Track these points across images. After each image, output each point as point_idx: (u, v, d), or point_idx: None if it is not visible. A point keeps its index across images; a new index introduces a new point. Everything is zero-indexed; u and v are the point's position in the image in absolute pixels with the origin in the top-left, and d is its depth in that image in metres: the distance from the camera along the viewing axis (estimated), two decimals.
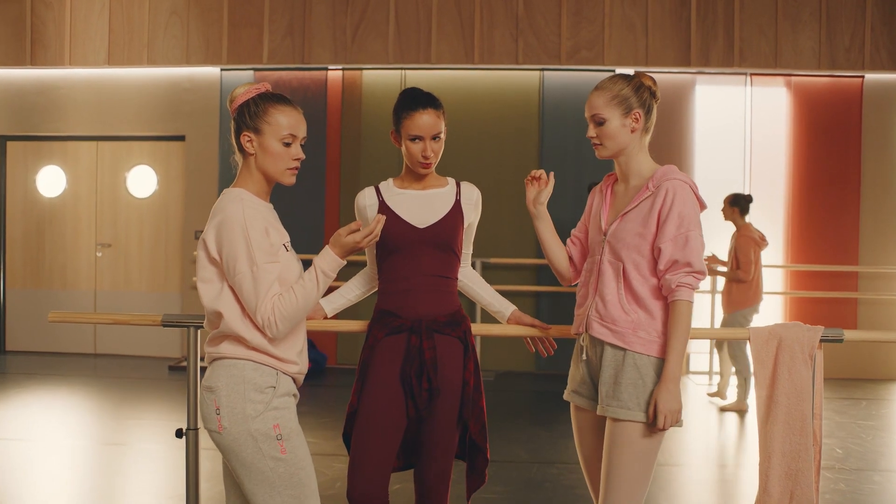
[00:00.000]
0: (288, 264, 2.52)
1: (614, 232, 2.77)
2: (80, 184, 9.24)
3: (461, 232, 3.04)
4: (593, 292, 2.79)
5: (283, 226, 2.63)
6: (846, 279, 8.53)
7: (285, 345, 2.53)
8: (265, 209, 2.54)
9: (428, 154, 2.93)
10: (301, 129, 2.57)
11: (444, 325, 2.94)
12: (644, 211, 2.72)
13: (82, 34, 8.80)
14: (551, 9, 8.42)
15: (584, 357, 2.83)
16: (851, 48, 8.36)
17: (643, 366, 2.69)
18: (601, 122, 2.76)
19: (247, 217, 2.44)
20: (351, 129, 8.75)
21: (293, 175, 2.58)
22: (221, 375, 2.48)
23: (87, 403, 6.99)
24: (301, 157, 2.58)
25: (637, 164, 2.81)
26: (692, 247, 2.65)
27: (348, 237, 2.49)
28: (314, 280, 2.47)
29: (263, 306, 2.42)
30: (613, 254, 2.76)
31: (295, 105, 2.60)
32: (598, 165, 8.46)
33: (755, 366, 3.13)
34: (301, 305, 2.46)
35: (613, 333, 2.71)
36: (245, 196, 2.51)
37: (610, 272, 2.75)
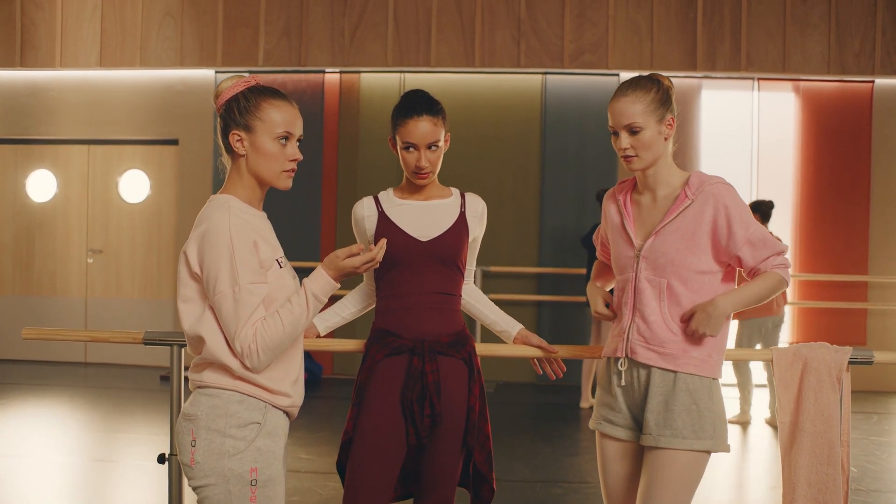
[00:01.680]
0: (280, 283, 2.26)
1: (652, 248, 2.56)
2: (70, 188, 9.05)
3: (466, 246, 2.84)
4: (630, 313, 2.58)
5: (277, 237, 2.40)
6: (855, 290, 8.34)
7: (277, 373, 2.27)
8: (257, 219, 2.28)
9: (422, 164, 2.73)
10: (297, 126, 2.32)
11: (447, 346, 2.74)
12: (686, 222, 2.53)
13: (74, 35, 8.61)
14: (554, 11, 8.24)
15: (621, 383, 2.61)
16: (861, 53, 8.17)
17: (696, 389, 2.51)
18: (637, 132, 2.53)
19: (233, 228, 2.18)
20: (348, 134, 8.57)
21: (289, 178, 2.33)
22: (202, 405, 2.23)
23: (76, 416, 6.78)
24: (298, 157, 2.32)
25: (666, 172, 2.62)
26: (766, 238, 2.54)
27: (346, 261, 2.25)
28: (303, 304, 2.22)
29: (244, 332, 2.16)
30: (652, 271, 2.56)
31: (289, 99, 2.34)
32: (601, 171, 8.28)
33: (778, 389, 2.93)
34: (287, 333, 2.20)
35: (663, 357, 2.52)
36: (233, 204, 2.25)
37: (650, 291, 2.56)
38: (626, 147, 2.55)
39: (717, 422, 2.52)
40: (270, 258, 2.26)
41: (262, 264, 2.23)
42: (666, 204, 2.60)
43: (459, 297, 2.85)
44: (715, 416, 2.52)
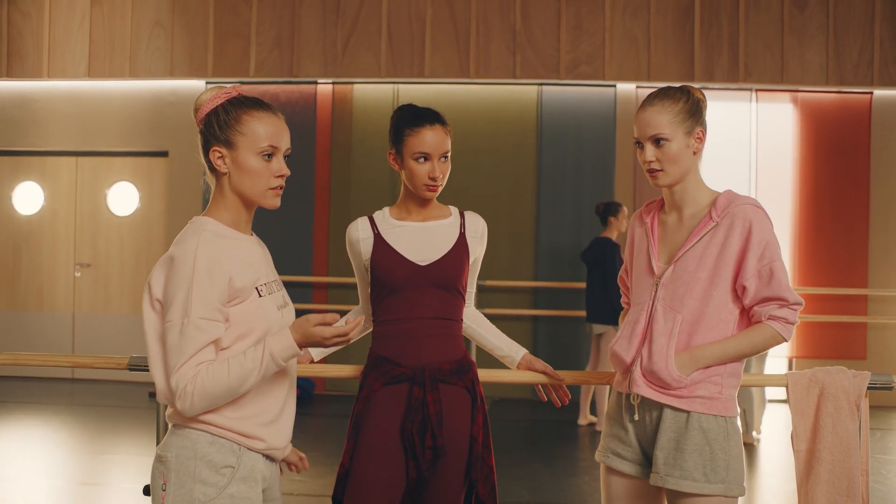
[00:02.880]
0: (258, 313, 2.07)
1: (671, 277, 2.41)
2: (58, 201, 8.89)
3: (467, 268, 2.71)
4: (639, 344, 2.43)
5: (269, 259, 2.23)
6: (855, 303, 8.23)
7: (246, 413, 2.05)
8: (239, 244, 2.10)
9: (436, 175, 2.60)
10: (284, 140, 2.14)
11: (449, 374, 2.60)
12: (710, 249, 2.37)
13: (62, 45, 8.47)
14: (550, 21, 8.13)
15: (634, 418, 2.46)
16: (860, 63, 8.09)
17: (710, 429, 2.35)
18: (662, 143, 2.39)
19: (199, 257, 1.99)
20: (341, 146, 8.43)
21: (277, 196, 2.15)
22: (172, 445, 2.05)
23: (62, 436, 6.61)
24: (285, 173, 2.13)
25: (694, 190, 2.46)
26: (778, 278, 2.33)
27: (316, 328, 2.00)
28: (257, 361, 1.99)
29: (183, 370, 1.95)
30: (669, 302, 2.40)
31: (274, 110, 2.16)
32: (598, 184, 8.17)
33: (794, 416, 2.80)
34: (231, 387, 1.98)
35: (668, 395, 2.37)
36: (210, 227, 2.07)
37: (662, 324, 2.39)
38: (651, 160, 2.40)
39: (731, 463, 2.36)
40: (249, 286, 2.07)
41: (238, 294, 2.04)
42: (691, 225, 2.44)
43: (461, 322, 2.72)
44: (730, 457, 2.35)
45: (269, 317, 2.10)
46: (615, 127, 8.23)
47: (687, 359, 2.35)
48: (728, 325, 2.39)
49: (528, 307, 8.20)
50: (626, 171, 8.22)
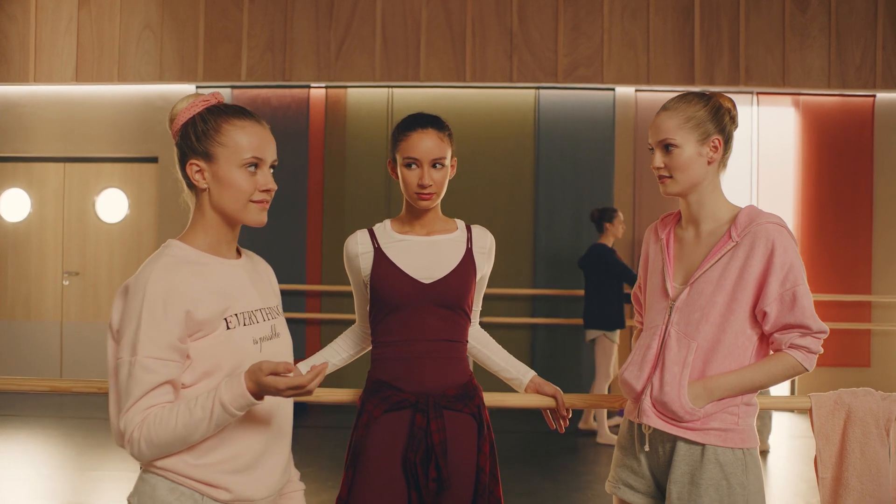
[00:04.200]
0: (226, 347, 1.86)
1: (687, 300, 2.24)
2: (45, 208, 8.70)
3: (473, 287, 2.55)
4: (650, 370, 2.27)
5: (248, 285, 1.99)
6: (858, 310, 8.10)
7: (214, 459, 1.85)
8: (204, 271, 1.89)
9: (425, 182, 2.43)
10: (269, 150, 1.96)
11: (454, 400, 2.44)
12: (727, 269, 2.21)
13: (48, 49, 8.28)
14: (547, 24, 7.98)
15: (645, 448, 2.30)
16: (862, 66, 7.96)
17: (728, 463, 2.18)
18: (670, 149, 2.24)
19: (150, 287, 1.80)
20: (335, 151, 8.27)
21: (262, 211, 1.96)
22: (137, 490, 1.88)
23: (49, 451, 6.41)
24: (272, 187, 1.96)
25: (712, 204, 2.29)
26: (802, 305, 2.17)
27: (268, 378, 1.76)
28: (207, 410, 1.78)
29: (131, 414, 1.78)
30: (684, 328, 2.23)
31: (258, 118, 1.97)
32: (597, 189, 8.02)
33: (818, 441, 2.64)
34: (178, 436, 1.78)
35: (680, 427, 2.21)
36: (174, 252, 1.89)
37: (676, 351, 2.23)
38: (658, 165, 2.27)
39: (750, 499, 2.20)
40: (215, 318, 1.86)
41: (201, 328, 1.85)
42: (709, 243, 2.28)
43: (466, 344, 2.55)
44: (749, 493, 2.19)
45: (240, 351, 1.88)
46: (614, 131, 8.09)
47: (700, 390, 2.20)
48: (745, 353, 2.24)
49: (526, 315, 8.04)
50: (626, 177, 8.08)
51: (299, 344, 7.86)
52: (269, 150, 1.96)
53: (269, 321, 1.99)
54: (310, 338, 8.09)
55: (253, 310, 1.95)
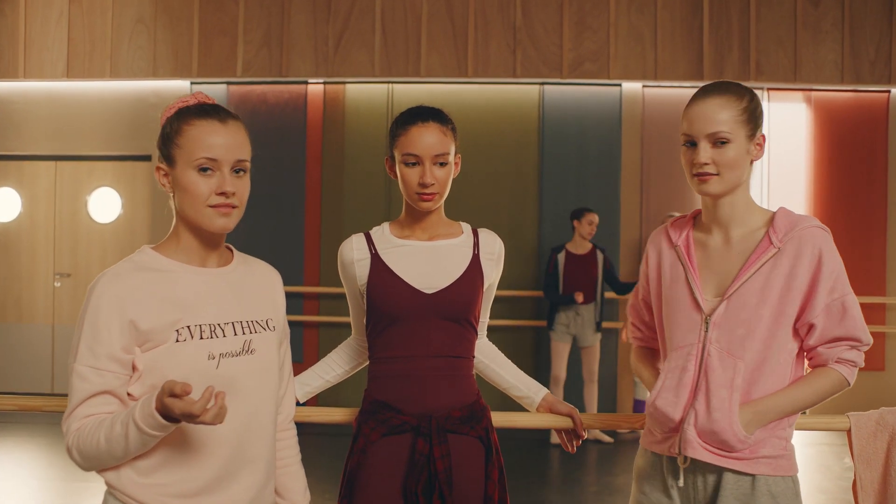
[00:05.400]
0: (171, 361, 1.74)
1: (726, 314, 2.00)
2: (36, 207, 8.48)
3: (480, 297, 2.32)
4: (690, 396, 2.01)
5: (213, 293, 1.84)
6: (873, 312, 7.86)
7: (158, 480, 1.74)
8: (163, 280, 1.79)
9: (426, 180, 2.20)
10: (228, 151, 1.80)
11: (459, 422, 2.21)
12: (770, 279, 1.98)
13: (38, 44, 8.07)
14: (552, 18, 7.76)
15: (679, 483, 2.05)
16: (877, 61, 7.73)
17: (780, 493, 1.97)
18: (723, 144, 1.99)
19: (95, 294, 1.75)
20: (333, 148, 8.05)
21: (223, 216, 1.82)
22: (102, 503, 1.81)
23: (37, 461, 6.19)
24: (228, 189, 1.80)
25: (744, 206, 2.06)
26: (852, 315, 1.98)
27: (167, 399, 1.62)
28: (123, 429, 1.67)
29: (69, 422, 1.74)
30: (726, 346, 1.99)
31: (223, 117, 1.82)
32: (603, 187, 7.81)
33: (858, 466, 2.41)
34: (102, 450, 1.70)
35: (730, 458, 1.97)
36: (138, 258, 1.83)
37: (721, 373, 1.98)
38: (705, 161, 1.99)
39: None
40: (164, 329, 1.75)
41: (149, 338, 1.75)
42: (744, 250, 2.04)
43: (472, 360, 2.33)
44: None
45: (188, 366, 1.75)
46: (620, 128, 7.87)
47: (751, 415, 1.97)
48: (787, 370, 2.03)
49: (531, 318, 7.81)
50: (633, 176, 7.87)
51: (296, 348, 7.64)
52: (227, 151, 1.81)
53: (243, 335, 1.85)
54: (307, 341, 7.87)
55: (220, 322, 1.82)
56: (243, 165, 1.84)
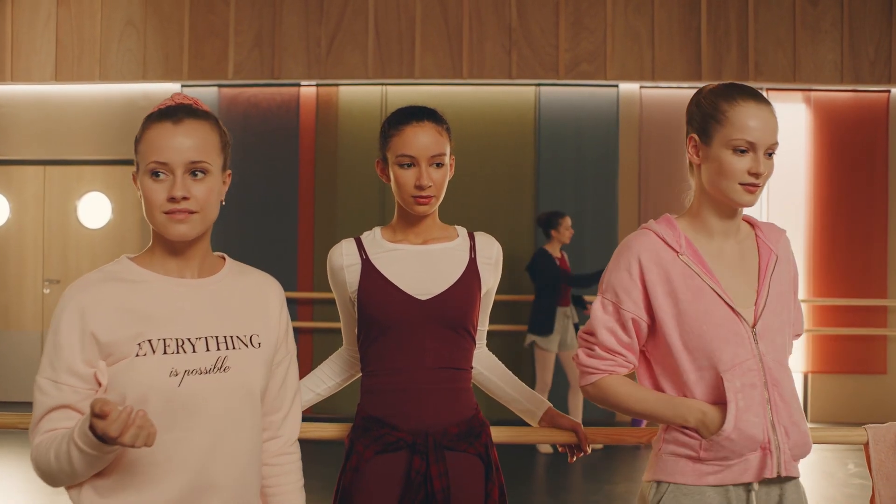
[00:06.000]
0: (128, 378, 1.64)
1: (766, 324, 1.95)
2: (24, 213, 8.35)
3: (478, 303, 2.20)
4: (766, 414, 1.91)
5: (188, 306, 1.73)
6: (874, 314, 7.77)
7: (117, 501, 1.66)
8: (130, 291, 1.70)
9: (423, 182, 2.09)
10: (177, 152, 1.68)
11: (457, 439, 2.09)
12: (781, 285, 2.02)
13: (26, 46, 7.94)
14: (548, 18, 7.65)
15: None
16: (877, 61, 7.65)
17: (803, 492, 2.01)
18: (770, 155, 1.97)
19: (60, 303, 1.69)
20: (326, 151, 7.94)
21: (178, 222, 1.69)
22: None
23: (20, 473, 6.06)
24: (177, 194, 1.67)
25: None
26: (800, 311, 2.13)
27: (93, 418, 1.52)
28: (66, 448, 1.58)
29: (33, 435, 1.68)
30: (776, 356, 1.95)
31: (179, 117, 1.72)
32: (600, 190, 7.71)
33: (877, 481, 2.30)
34: (54, 467, 1.61)
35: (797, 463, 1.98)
36: (112, 267, 1.74)
37: (786, 383, 1.95)
38: (760, 172, 1.92)
39: None
40: (125, 342, 1.66)
41: (111, 352, 1.66)
42: (750, 257, 2.02)
43: (470, 371, 2.21)
44: None
45: (146, 383, 1.65)
46: (618, 130, 7.77)
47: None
48: None
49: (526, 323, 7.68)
50: (630, 179, 7.77)
51: None
52: (178, 152, 1.69)
53: (217, 352, 1.72)
54: (301, 348, 7.75)
55: (190, 337, 1.70)
56: (201, 167, 1.70)
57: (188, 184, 1.69)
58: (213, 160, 1.73)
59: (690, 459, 1.92)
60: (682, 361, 1.94)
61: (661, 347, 1.98)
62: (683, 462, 1.93)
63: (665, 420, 1.96)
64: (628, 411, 2.00)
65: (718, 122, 1.94)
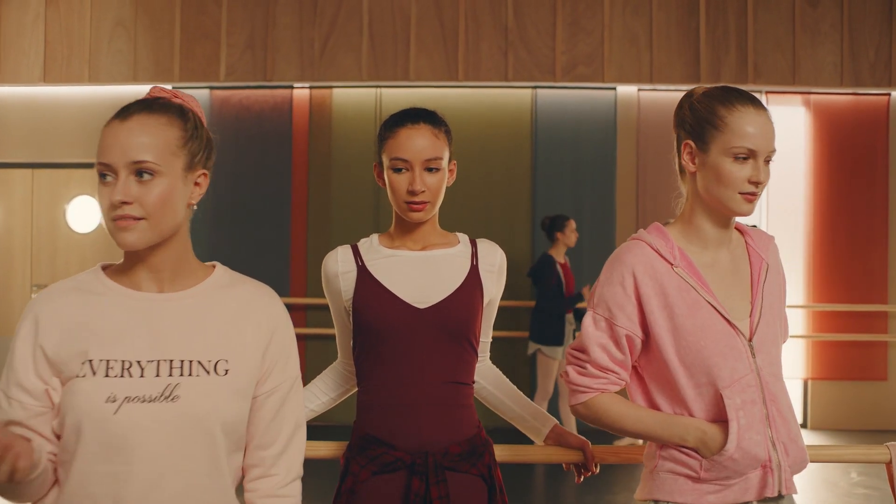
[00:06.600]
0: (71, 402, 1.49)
1: (761, 336, 1.87)
2: (12, 217, 8.23)
3: (480, 313, 2.08)
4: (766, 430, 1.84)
5: None
6: (875, 320, 7.69)
7: None
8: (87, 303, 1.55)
9: (416, 187, 1.98)
10: (118, 153, 1.51)
11: (459, 459, 1.98)
12: (772, 295, 1.93)
13: (14, 48, 7.83)
14: (545, 19, 7.56)
15: None
16: (877, 63, 7.58)
17: None
18: (767, 162, 1.88)
19: (23, 314, 1.57)
20: (320, 155, 7.85)
21: (122, 231, 1.51)
22: None
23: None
24: (115, 198, 1.49)
25: None
26: None
27: None
28: None
29: None
30: (772, 370, 1.87)
31: (128, 112, 1.57)
32: (598, 194, 7.63)
33: None
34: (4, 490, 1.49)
35: None
36: (82, 276, 1.60)
37: (783, 398, 1.87)
38: (763, 180, 1.85)
39: None
40: (70, 360, 1.51)
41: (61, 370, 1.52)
42: (742, 267, 1.93)
43: (472, 387, 2.09)
44: None
45: (81, 408, 1.48)
46: (616, 133, 7.69)
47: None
48: None
49: (525, 329, 7.58)
50: (628, 182, 7.69)
51: None
52: (120, 153, 1.52)
53: (167, 378, 1.51)
54: None
55: (140, 360, 1.52)
56: (145, 167, 1.51)
57: (132, 187, 1.50)
58: (165, 159, 1.53)
59: (690, 479, 1.85)
60: (679, 378, 1.85)
61: (655, 363, 1.88)
62: (682, 481, 1.85)
63: (661, 440, 1.86)
64: (622, 431, 1.90)
65: (716, 127, 1.85)
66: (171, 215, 1.54)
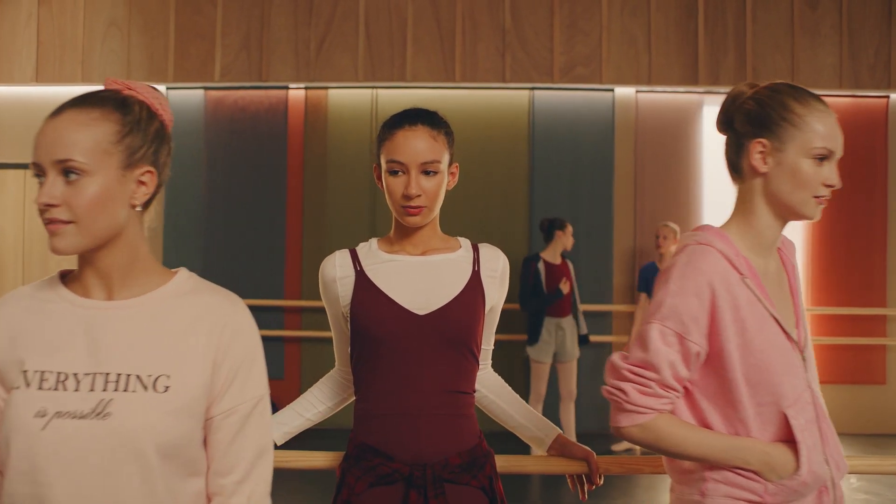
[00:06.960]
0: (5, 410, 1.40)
1: (808, 345, 1.82)
2: (4, 218, 8.15)
3: (482, 319, 2.02)
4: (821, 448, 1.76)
5: None
6: (873, 323, 7.64)
7: None
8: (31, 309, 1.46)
9: (410, 191, 1.92)
10: (44, 151, 1.40)
11: (459, 471, 1.91)
12: (801, 299, 1.87)
13: (6, 48, 7.75)
14: (542, 20, 7.50)
15: None
16: (876, 65, 7.53)
17: None
18: None
19: None
20: (315, 156, 7.77)
21: (52, 235, 1.40)
22: None
23: None
24: (42, 200, 1.38)
25: None
26: None
27: None
28: None
29: None
30: (814, 381, 1.80)
31: (62, 108, 1.43)
32: (596, 196, 7.57)
33: None
34: None
35: None
36: (36, 283, 1.50)
37: (826, 413, 1.81)
38: (838, 185, 1.77)
39: None
40: (9, 370, 1.42)
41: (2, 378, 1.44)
42: (783, 275, 1.86)
43: (473, 395, 2.03)
44: None
45: (11, 422, 1.38)
46: (613, 135, 7.63)
47: None
48: None
49: (522, 332, 7.52)
50: (626, 184, 7.63)
51: (277, 364, 7.34)
52: (45, 151, 1.40)
53: (101, 392, 1.40)
54: (288, 357, 7.55)
55: (77, 372, 1.41)
56: (71, 166, 1.38)
57: (58, 188, 1.38)
58: (95, 157, 1.40)
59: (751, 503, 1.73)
60: (742, 396, 1.72)
61: (715, 380, 1.74)
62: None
63: (721, 463, 1.73)
64: (681, 455, 1.75)
65: (794, 125, 1.73)
66: (106, 218, 1.41)
